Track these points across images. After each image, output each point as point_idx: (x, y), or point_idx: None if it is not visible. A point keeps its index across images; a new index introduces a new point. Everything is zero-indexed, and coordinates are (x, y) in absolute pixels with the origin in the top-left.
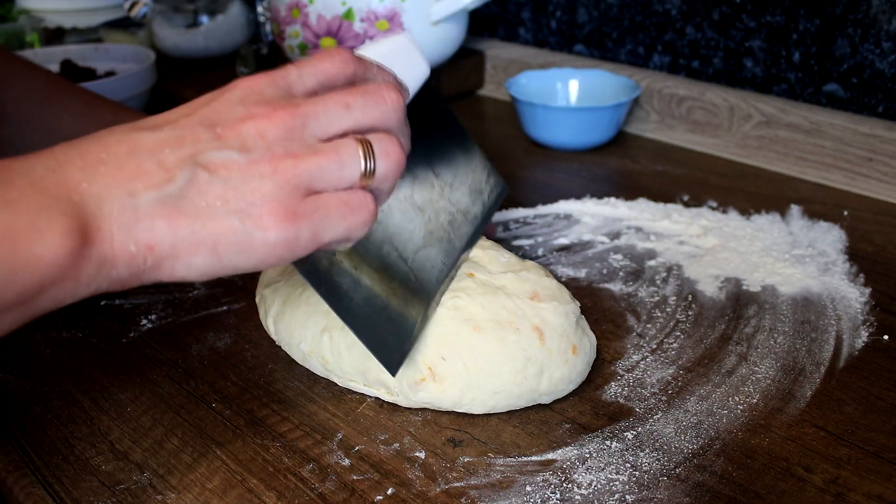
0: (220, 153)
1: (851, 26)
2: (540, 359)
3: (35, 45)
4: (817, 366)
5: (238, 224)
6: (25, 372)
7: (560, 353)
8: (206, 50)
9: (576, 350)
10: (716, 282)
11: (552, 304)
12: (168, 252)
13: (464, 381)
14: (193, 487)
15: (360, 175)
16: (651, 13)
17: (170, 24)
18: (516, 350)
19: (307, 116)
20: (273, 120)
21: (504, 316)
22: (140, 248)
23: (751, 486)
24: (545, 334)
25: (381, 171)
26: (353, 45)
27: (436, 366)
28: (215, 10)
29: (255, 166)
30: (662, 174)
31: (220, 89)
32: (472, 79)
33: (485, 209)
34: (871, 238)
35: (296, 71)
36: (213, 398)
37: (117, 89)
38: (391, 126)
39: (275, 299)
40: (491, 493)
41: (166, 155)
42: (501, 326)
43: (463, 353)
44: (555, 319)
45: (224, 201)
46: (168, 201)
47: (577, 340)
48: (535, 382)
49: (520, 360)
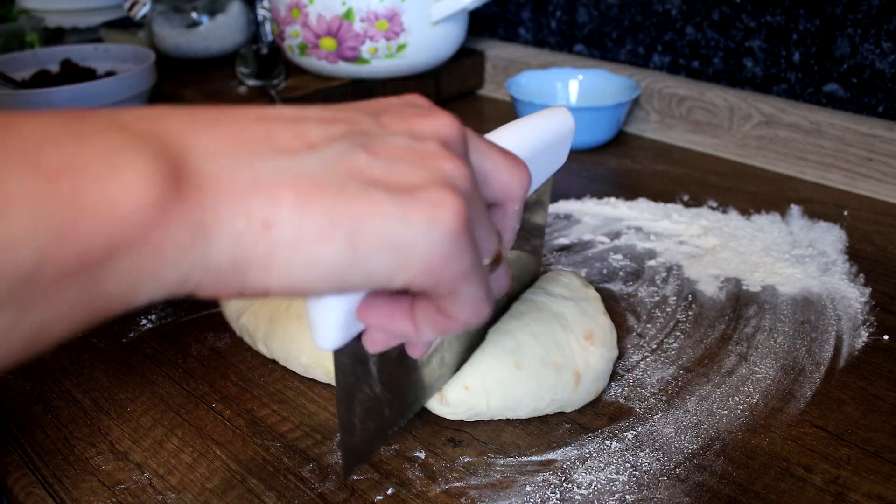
0: (387, 138)
1: (851, 26)
2: (564, 399)
3: (35, 45)
4: (817, 366)
5: (395, 208)
6: (25, 372)
7: (585, 395)
8: (206, 50)
9: (598, 392)
10: (716, 282)
11: (601, 349)
12: (290, 236)
13: (475, 412)
14: (193, 487)
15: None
16: (651, 13)
17: (170, 24)
18: (548, 393)
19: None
20: (451, 120)
21: (552, 354)
22: (253, 225)
23: (751, 486)
24: (582, 380)
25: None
26: (353, 45)
27: (450, 392)
28: (215, 10)
29: (432, 158)
30: (662, 174)
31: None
32: (472, 79)
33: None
34: (871, 238)
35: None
36: (213, 398)
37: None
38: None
39: (258, 323)
40: (491, 493)
41: (311, 129)
42: (545, 366)
43: (492, 388)
44: (598, 366)
45: (384, 183)
46: (304, 173)
47: (603, 384)
48: (547, 411)
49: (545, 402)
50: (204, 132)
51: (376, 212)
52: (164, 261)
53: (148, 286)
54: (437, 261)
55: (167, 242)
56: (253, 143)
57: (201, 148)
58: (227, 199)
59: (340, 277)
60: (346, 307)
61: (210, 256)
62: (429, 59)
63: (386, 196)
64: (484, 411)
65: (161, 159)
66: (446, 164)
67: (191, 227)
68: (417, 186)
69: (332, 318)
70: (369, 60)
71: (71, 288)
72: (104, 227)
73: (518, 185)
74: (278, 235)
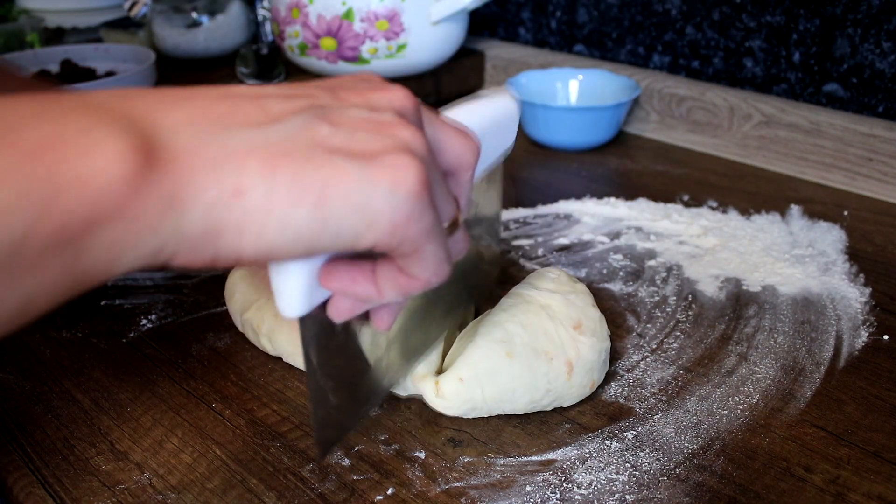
0: (345, 111)
1: (851, 26)
2: (559, 391)
3: (35, 45)
4: (817, 366)
5: (359, 172)
6: (25, 372)
7: (580, 387)
8: (206, 50)
9: (594, 385)
10: (716, 282)
11: (591, 339)
12: (260, 202)
13: (472, 405)
14: (193, 487)
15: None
16: (651, 13)
17: (170, 24)
18: (542, 382)
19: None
20: (405, 93)
21: (542, 343)
22: (224, 193)
23: (751, 486)
24: (574, 370)
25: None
26: (353, 45)
27: (445, 384)
28: (215, 10)
29: (390, 127)
30: (662, 174)
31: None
32: (472, 79)
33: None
34: (871, 238)
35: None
36: (213, 398)
37: None
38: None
39: (263, 317)
40: (491, 493)
41: (272, 104)
42: (536, 355)
43: (486, 379)
44: (589, 356)
45: (346, 151)
46: (269, 143)
47: (598, 377)
48: (543, 406)
49: (540, 392)
50: (171, 110)
51: (342, 176)
52: (141, 231)
53: (126, 256)
54: (402, 220)
55: (143, 213)
56: (218, 119)
57: (170, 124)
58: (197, 171)
59: (311, 240)
60: (308, 273)
61: (184, 225)
62: (429, 59)
63: (350, 162)
64: (480, 404)
65: (133, 135)
66: (403, 131)
67: (164, 198)
68: (378, 152)
69: (295, 284)
70: (369, 60)
71: (54, 260)
72: (83, 199)
73: (470, 154)
74: (248, 202)
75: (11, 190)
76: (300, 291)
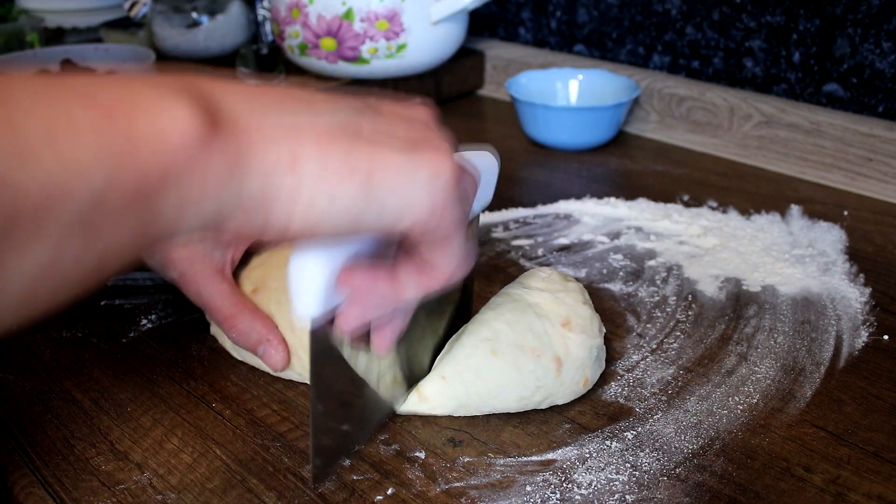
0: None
1: (851, 26)
2: (550, 388)
3: (35, 45)
4: (817, 366)
5: (402, 158)
6: (25, 372)
7: (572, 384)
8: (206, 50)
9: (587, 382)
10: (716, 282)
11: (581, 336)
12: (314, 173)
13: (458, 402)
14: (193, 487)
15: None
16: (651, 13)
17: (170, 24)
18: (530, 379)
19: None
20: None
21: (528, 340)
22: (282, 160)
23: (751, 486)
24: (563, 366)
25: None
26: (353, 45)
27: (427, 385)
28: (215, 10)
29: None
30: (662, 174)
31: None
32: (472, 79)
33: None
34: (871, 238)
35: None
36: (213, 398)
37: None
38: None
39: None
40: (491, 493)
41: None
42: (522, 352)
43: (469, 376)
44: (578, 353)
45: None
46: (319, 124)
47: (590, 374)
48: (536, 403)
49: (529, 389)
50: (227, 92)
51: (388, 160)
52: (207, 192)
53: (191, 216)
54: (439, 206)
55: (209, 174)
56: (272, 102)
57: (231, 100)
58: (257, 141)
59: (356, 216)
60: (328, 272)
61: (243, 189)
62: (429, 59)
63: (393, 149)
64: (466, 402)
65: (200, 102)
66: (435, 133)
67: (229, 161)
68: (418, 144)
69: (314, 282)
70: (369, 60)
71: (130, 215)
72: (158, 156)
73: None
74: (303, 172)
75: (92, 145)
76: (318, 290)
